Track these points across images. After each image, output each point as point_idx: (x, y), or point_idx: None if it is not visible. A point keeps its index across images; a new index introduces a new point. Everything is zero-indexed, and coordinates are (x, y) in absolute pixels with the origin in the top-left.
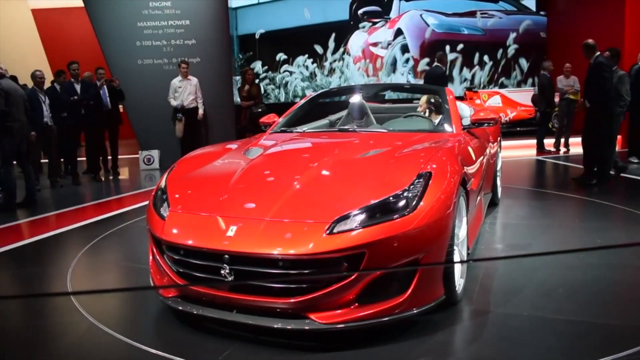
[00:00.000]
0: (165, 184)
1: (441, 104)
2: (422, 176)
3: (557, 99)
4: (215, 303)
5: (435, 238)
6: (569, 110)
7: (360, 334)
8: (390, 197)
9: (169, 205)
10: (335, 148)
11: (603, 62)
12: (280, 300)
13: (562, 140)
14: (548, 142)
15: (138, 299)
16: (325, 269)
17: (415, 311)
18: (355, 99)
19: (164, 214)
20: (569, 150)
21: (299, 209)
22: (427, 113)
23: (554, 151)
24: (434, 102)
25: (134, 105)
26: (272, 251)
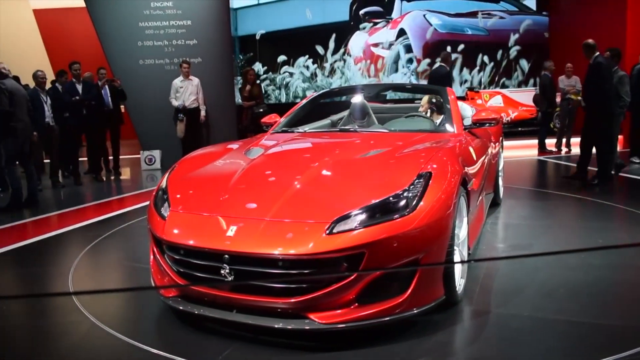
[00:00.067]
0: (166, 184)
1: (443, 104)
2: (422, 176)
3: (558, 99)
4: (216, 303)
5: (435, 238)
6: (570, 110)
7: (360, 334)
8: (390, 197)
9: (170, 205)
10: (336, 148)
11: (602, 62)
12: (280, 300)
13: (564, 140)
14: (550, 142)
15: (139, 299)
16: (325, 269)
17: (415, 311)
18: (357, 99)
19: (165, 214)
20: (570, 150)
21: (299, 209)
22: (428, 113)
23: (556, 151)
24: (435, 102)
25: (136, 106)
26: (272, 251)
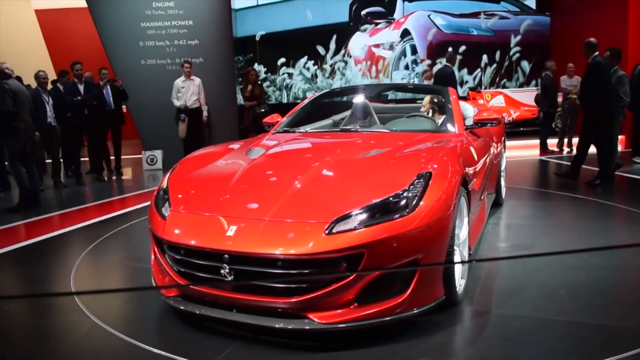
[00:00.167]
0: (166, 184)
1: (444, 104)
2: (422, 176)
3: (560, 99)
4: (216, 303)
5: (435, 238)
6: (572, 110)
7: (360, 334)
8: (390, 197)
9: (170, 205)
10: (337, 148)
11: (600, 62)
12: (280, 300)
13: (566, 140)
14: (551, 142)
15: (141, 299)
16: (325, 269)
17: (415, 311)
18: (359, 99)
19: (165, 214)
20: (572, 150)
21: (299, 209)
22: (430, 113)
23: (558, 151)
24: (437, 102)
25: (137, 106)
26: (271, 251)
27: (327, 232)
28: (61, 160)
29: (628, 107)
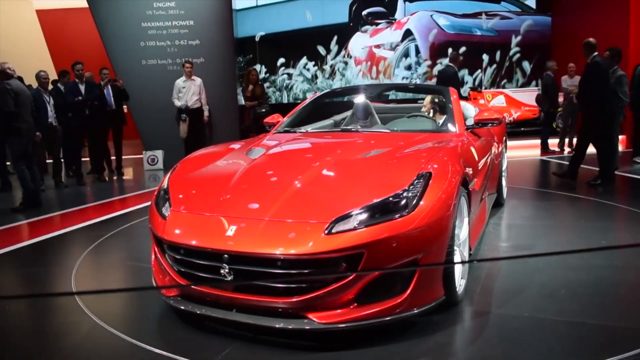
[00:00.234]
0: (167, 184)
1: (445, 104)
2: (422, 176)
3: (561, 99)
4: (216, 302)
5: (434, 238)
6: (573, 110)
7: (360, 334)
8: (390, 197)
9: (171, 205)
10: (338, 148)
11: (599, 62)
12: (279, 300)
13: (567, 140)
14: (552, 142)
15: (141, 299)
16: (324, 269)
17: (415, 311)
18: (360, 99)
19: (166, 214)
20: (573, 150)
21: (299, 208)
22: (431, 113)
23: (559, 151)
24: (438, 102)
25: (138, 106)
26: (271, 251)
27: (326, 232)
28: (62, 160)
29: (629, 107)
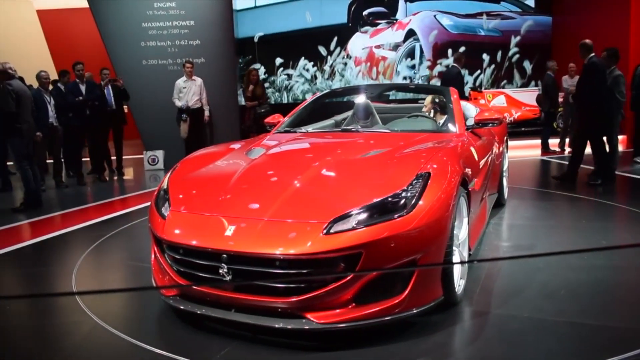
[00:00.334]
0: (167, 184)
1: (446, 104)
2: (421, 176)
3: (561, 99)
4: (215, 302)
5: (433, 239)
6: (573, 110)
7: (360, 334)
8: (389, 197)
9: (170, 205)
10: (338, 148)
11: (596, 63)
12: (278, 300)
13: (567, 140)
14: (553, 142)
15: (142, 299)
16: (322, 269)
17: (414, 311)
18: (361, 99)
19: (165, 214)
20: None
21: (297, 208)
22: (432, 113)
23: (559, 151)
24: (438, 102)
25: (139, 106)
26: (269, 251)
27: (325, 232)
28: (62, 160)
29: (629, 107)
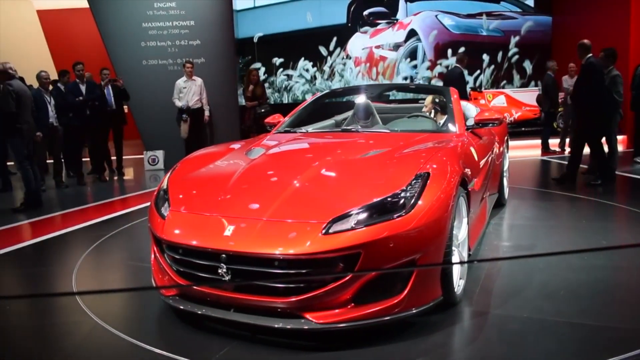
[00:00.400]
0: (167, 184)
1: (446, 104)
2: (420, 176)
3: (561, 99)
4: (215, 302)
5: (432, 239)
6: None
7: (359, 334)
8: (388, 198)
9: (170, 205)
10: (337, 148)
11: (594, 63)
12: (277, 300)
13: (567, 140)
14: (553, 142)
15: (142, 298)
16: (321, 269)
17: (413, 311)
18: (361, 99)
19: (165, 214)
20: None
21: (297, 208)
22: (432, 113)
23: (559, 151)
24: (438, 102)
25: (139, 106)
26: (268, 251)
27: (324, 232)
28: (62, 160)
29: (629, 107)
